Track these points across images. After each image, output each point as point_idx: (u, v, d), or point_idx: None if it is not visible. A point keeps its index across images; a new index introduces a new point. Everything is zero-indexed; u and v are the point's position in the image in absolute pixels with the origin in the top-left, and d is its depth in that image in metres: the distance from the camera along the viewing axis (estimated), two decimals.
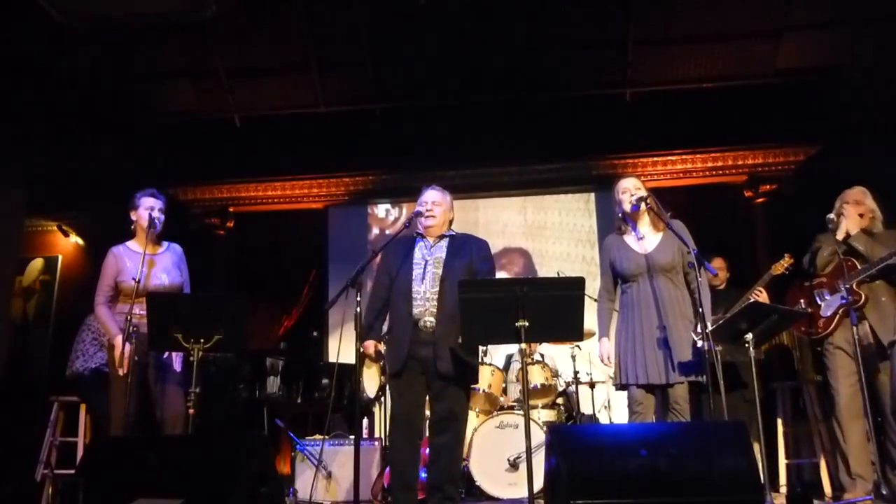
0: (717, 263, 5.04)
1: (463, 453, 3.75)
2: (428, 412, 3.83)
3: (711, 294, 3.54)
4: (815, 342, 4.11)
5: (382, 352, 3.65)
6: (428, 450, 3.67)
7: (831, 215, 3.80)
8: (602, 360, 3.64)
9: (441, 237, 3.63)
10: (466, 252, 3.56)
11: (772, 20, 5.79)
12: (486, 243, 3.70)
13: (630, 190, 3.61)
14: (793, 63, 6.03)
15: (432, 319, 3.43)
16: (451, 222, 3.71)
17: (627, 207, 3.60)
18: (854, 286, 3.75)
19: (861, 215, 3.88)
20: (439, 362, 3.37)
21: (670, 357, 3.38)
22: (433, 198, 3.65)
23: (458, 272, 3.44)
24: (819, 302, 3.96)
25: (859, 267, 3.76)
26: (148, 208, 3.84)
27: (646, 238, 3.59)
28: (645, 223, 3.62)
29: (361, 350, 3.50)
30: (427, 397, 3.58)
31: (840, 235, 3.81)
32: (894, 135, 5.77)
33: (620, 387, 3.58)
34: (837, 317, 3.86)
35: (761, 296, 4.39)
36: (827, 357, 3.94)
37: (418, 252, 3.59)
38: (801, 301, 4.03)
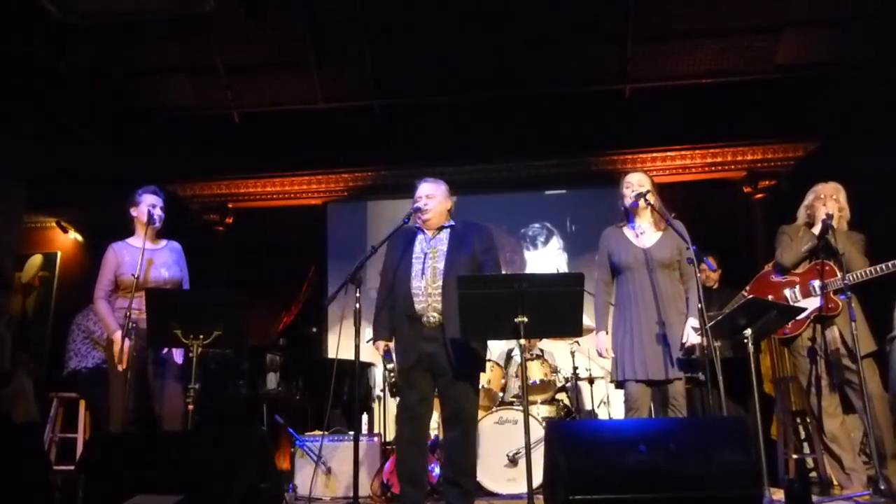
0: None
1: (475, 446, 3.68)
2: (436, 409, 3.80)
3: (705, 293, 3.53)
4: (782, 342, 4.08)
5: (391, 350, 3.58)
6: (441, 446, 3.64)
7: (830, 210, 3.76)
8: (600, 354, 3.61)
9: (441, 228, 3.56)
10: (469, 243, 3.48)
11: (771, 15, 5.79)
12: (489, 232, 3.61)
13: (633, 185, 3.61)
14: (792, 58, 6.02)
15: (436, 315, 3.36)
16: (449, 212, 3.62)
17: (628, 202, 3.61)
18: (831, 294, 3.72)
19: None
20: (452, 357, 3.32)
21: (669, 352, 3.39)
22: (427, 190, 3.56)
23: (460, 266, 3.37)
24: (790, 301, 3.87)
25: (837, 271, 3.68)
26: (149, 205, 3.85)
27: (645, 233, 3.60)
28: (645, 219, 3.63)
29: (374, 346, 3.52)
30: (435, 393, 3.53)
31: (837, 225, 3.75)
32: (893, 130, 5.77)
33: (618, 383, 3.56)
34: (809, 321, 3.82)
35: None
36: (797, 358, 3.93)
37: (418, 246, 3.52)
38: (769, 297, 3.92)
